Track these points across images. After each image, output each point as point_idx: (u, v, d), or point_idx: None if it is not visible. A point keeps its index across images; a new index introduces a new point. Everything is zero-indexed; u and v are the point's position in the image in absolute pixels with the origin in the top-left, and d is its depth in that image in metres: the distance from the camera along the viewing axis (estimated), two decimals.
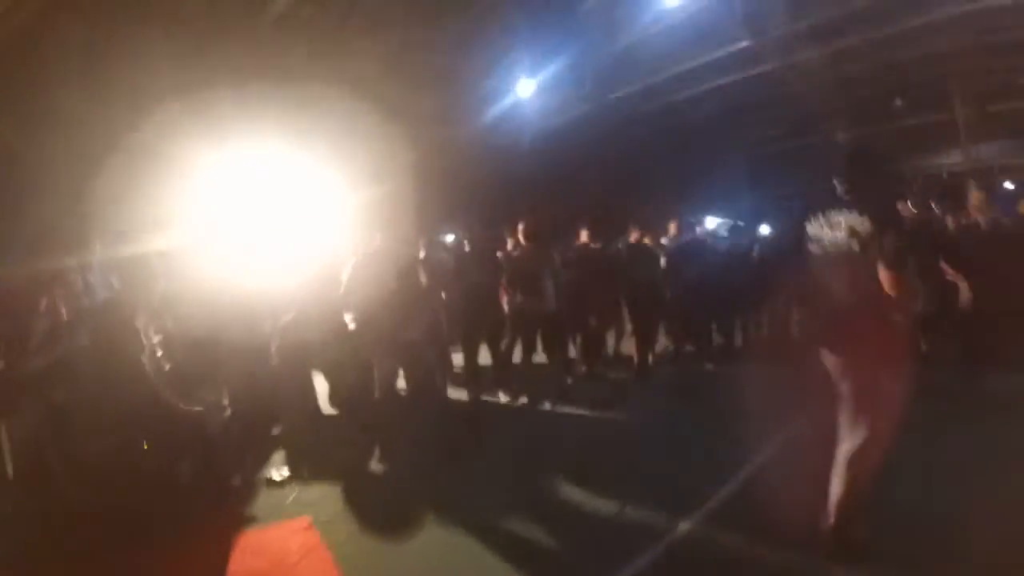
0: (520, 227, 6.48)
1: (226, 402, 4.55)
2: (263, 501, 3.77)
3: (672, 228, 7.94)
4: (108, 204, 5.73)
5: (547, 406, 6.00)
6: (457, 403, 6.10)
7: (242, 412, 4.36)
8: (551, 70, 12.18)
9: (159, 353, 3.63)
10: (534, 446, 4.99)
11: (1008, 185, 10.51)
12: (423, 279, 5.73)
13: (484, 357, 6.41)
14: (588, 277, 6.81)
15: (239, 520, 3.47)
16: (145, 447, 3.19)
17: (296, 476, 4.07)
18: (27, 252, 4.14)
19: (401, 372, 5.91)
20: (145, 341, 3.45)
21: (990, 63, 10.97)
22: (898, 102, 11.76)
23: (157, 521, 3.07)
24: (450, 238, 10.74)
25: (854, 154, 3.06)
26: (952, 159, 12.50)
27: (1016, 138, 11.95)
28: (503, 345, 6.47)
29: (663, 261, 7.34)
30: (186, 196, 6.07)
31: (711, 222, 17.39)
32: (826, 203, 2.84)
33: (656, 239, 7.75)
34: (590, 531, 3.37)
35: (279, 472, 4.03)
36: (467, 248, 6.69)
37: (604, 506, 3.63)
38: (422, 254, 6.20)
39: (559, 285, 6.47)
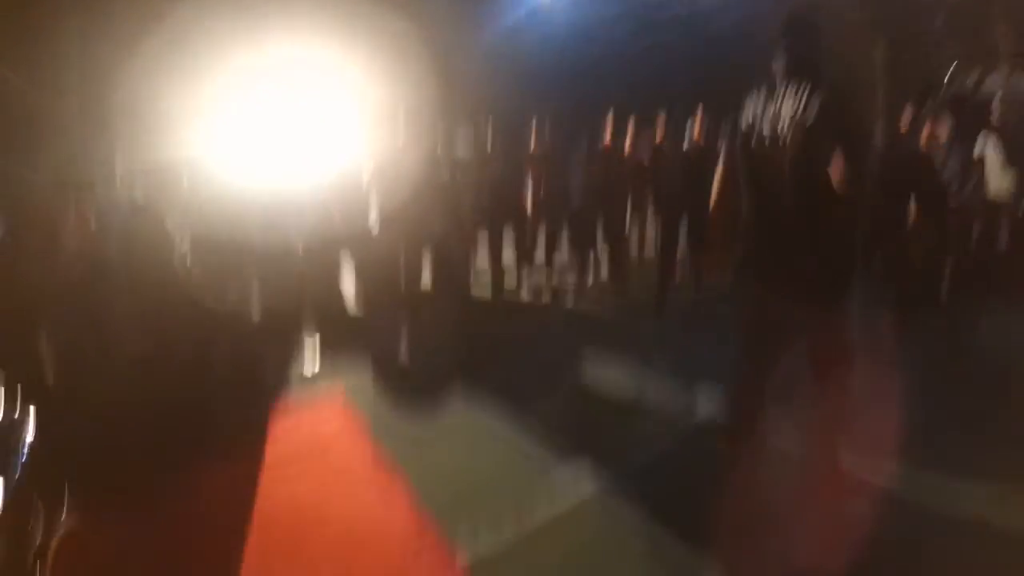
0: (545, 124, 6.40)
1: (255, 302, 4.78)
2: (295, 394, 4.00)
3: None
4: (129, 113, 5.74)
5: (568, 305, 6.18)
6: (480, 299, 6.28)
7: (271, 312, 4.57)
8: None
9: (188, 257, 3.76)
10: (553, 341, 5.18)
11: None
12: (447, 176, 5.75)
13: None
14: (613, 181, 6.75)
15: (274, 408, 3.71)
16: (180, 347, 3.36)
17: (326, 371, 4.30)
18: (52, 169, 4.22)
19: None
20: (174, 246, 3.57)
21: None
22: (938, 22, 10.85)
23: (194, 418, 3.29)
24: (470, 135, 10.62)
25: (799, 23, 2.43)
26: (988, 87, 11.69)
27: None
28: (527, 241, 6.58)
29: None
30: (208, 100, 6.01)
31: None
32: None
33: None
34: (604, 423, 3.58)
35: (311, 367, 4.26)
36: (491, 145, 6.61)
37: (620, 400, 3.85)
38: (445, 151, 6.17)
39: (583, 185, 6.47)
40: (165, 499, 2.72)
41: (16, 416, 2.14)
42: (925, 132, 4.81)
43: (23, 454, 2.05)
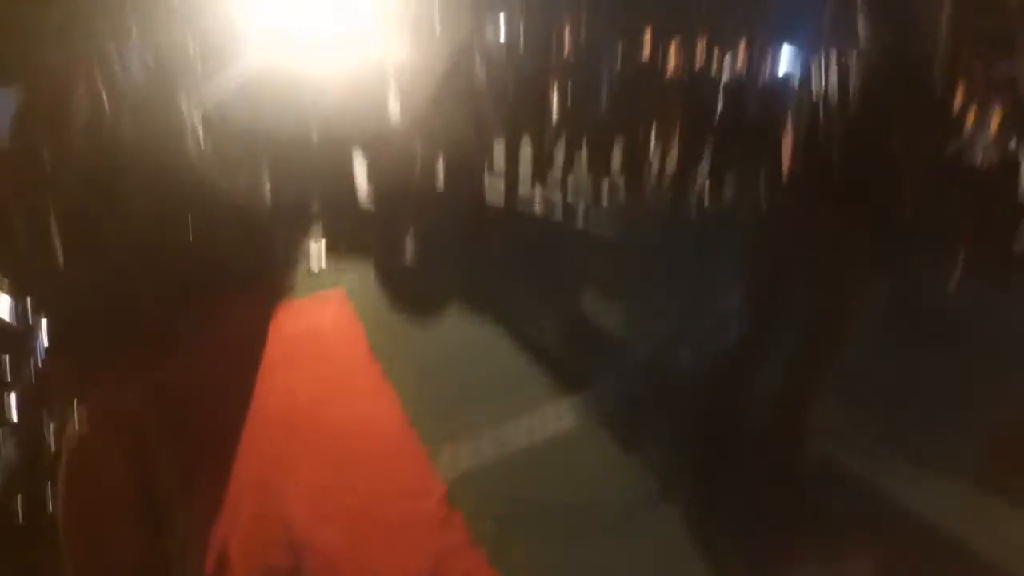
0: (580, 27, 6.09)
1: (265, 189, 4.72)
2: (300, 285, 4.00)
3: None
4: None
5: (580, 212, 6.18)
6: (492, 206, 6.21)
7: (280, 201, 4.53)
8: None
9: (200, 134, 3.67)
10: (559, 252, 5.21)
11: None
12: (473, 74, 5.52)
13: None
14: (644, 95, 6.51)
15: (276, 291, 3.74)
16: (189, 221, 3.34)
17: (333, 267, 4.31)
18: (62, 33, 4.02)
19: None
20: (186, 122, 3.48)
21: None
22: None
23: (197, 287, 3.34)
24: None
25: None
26: None
27: None
28: (546, 151, 6.44)
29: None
30: None
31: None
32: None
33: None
34: (597, 337, 3.71)
35: (317, 263, 4.27)
36: (521, 44, 6.33)
37: (613, 319, 3.95)
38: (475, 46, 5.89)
39: (611, 94, 6.26)
40: (165, 375, 2.83)
41: (29, 321, 2.15)
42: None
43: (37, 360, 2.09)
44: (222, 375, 2.87)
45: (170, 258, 3.13)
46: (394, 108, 5.19)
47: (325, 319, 3.57)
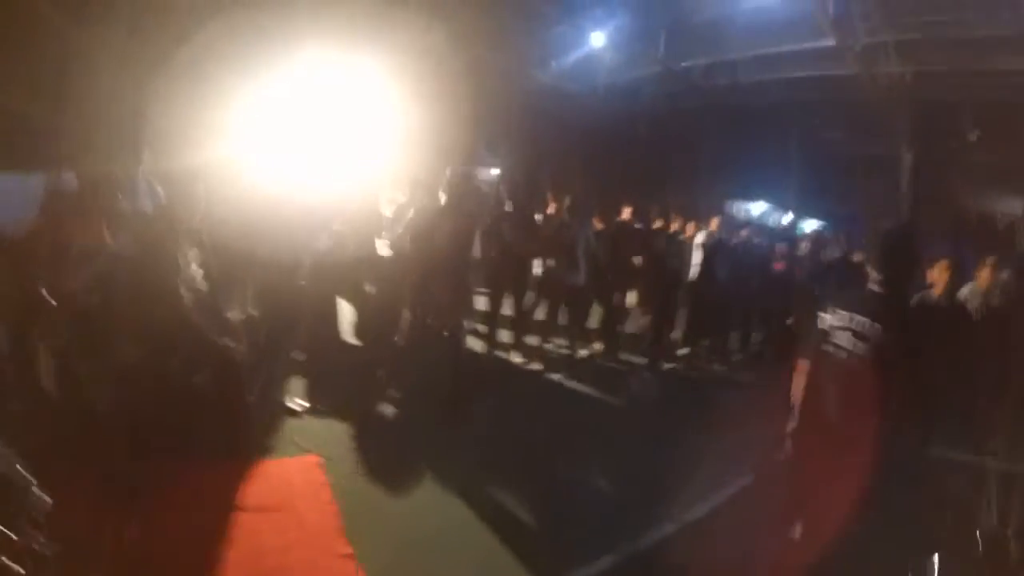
0: (564, 199, 6.43)
1: (252, 315, 4.68)
2: (279, 428, 3.93)
3: (714, 223, 7.82)
4: (157, 114, 5.68)
5: (557, 377, 6.12)
6: (473, 355, 6.17)
7: (266, 332, 4.48)
8: (626, 25, 11.90)
9: (195, 269, 3.65)
10: (538, 415, 5.15)
11: None
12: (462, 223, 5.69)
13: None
14: (622, 255, 6.83)
15: (252, 446, 3.59)
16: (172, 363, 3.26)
17: (312, 408, 4.21)
18: (74, 149, 4.14)
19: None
20: (182, 256, 3.48)
21: None
22: (973, 136, 11.26)
23: (174, 434, 3.19)
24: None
25: (900, 238, 2.67)
26: (1013, 206, 12.16)
27: None
28: (526, 308, 6.55)
29: (698, 256, 7.26)
30: (236, 111, 5.95)
31: (757, 208, 17.24)
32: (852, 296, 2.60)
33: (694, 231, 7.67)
34: (570, 508, 3.61)
35: (298, 403, 4.16)
36: (508, 207, 6.63)
37: (587, 488, 3.94)
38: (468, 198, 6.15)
39: (590, 257, 6.50)
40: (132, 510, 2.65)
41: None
42: None
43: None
44: (186, 534, 2.71)
45: (150, 399, 3.03)
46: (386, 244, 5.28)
47: (296, 484, 3.42)
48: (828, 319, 2.54)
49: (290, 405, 4.12)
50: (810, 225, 15.64)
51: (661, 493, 3.78)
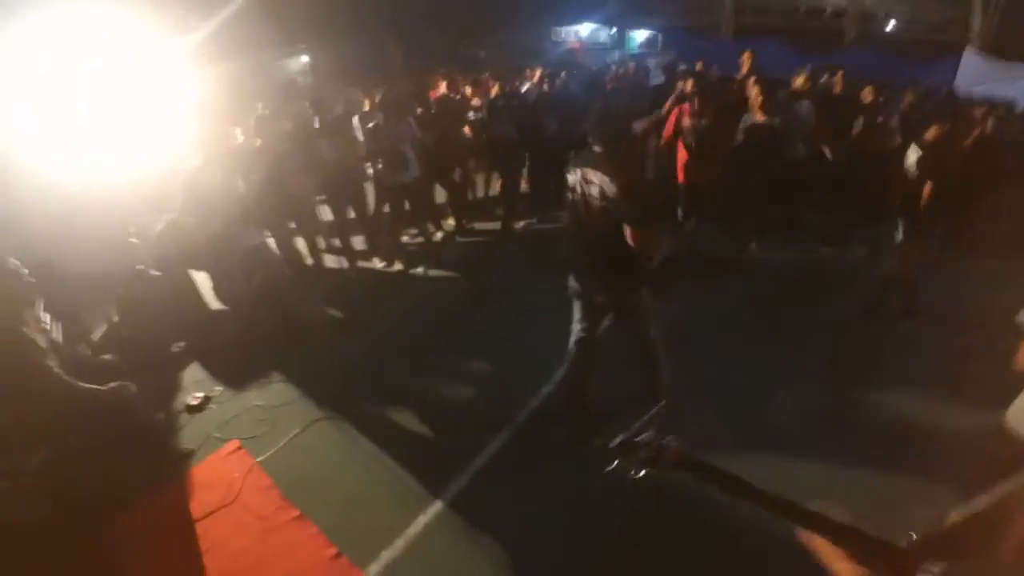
0: (377, 97, 6.39)
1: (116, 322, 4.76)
2: (190, 429, 4.14)
3: (536, 74, 8.00)
4: None
5: (420, 270, 6.56)
6: (333, 271, 6.50)
7: (141, 340, 4.61)
8: None
9: (42, 319, 3.53)
10: (413, 314, 5.65)
11: None
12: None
13: None
14: (449, 132, 6.97)
15: (179, 461, 3.84)
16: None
17: (210, 395, 4.44)
18: None
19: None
20: (29, 324, 3.29)
21: None
22: None
23: (110, 495, 3.34)
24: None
25: (606, 116, 3.34)
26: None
27: None
28: (371, 215, 6.76)
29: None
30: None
31: (585, 28, 17.31)
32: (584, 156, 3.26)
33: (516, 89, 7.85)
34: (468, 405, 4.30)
35: (194, 396, 4.36)
36: (317, 122, 6.49)
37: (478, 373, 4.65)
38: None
39: (419, 149, 6.65)
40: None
41: None
42: None
43: None
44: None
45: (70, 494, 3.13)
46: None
47: (232, 475, 3.72)
48: None
49: (190, 402, 4.31)
50: (640, 35, 16.13)
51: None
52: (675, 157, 6.33)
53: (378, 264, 6.62)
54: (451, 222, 7.50)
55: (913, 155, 4.45)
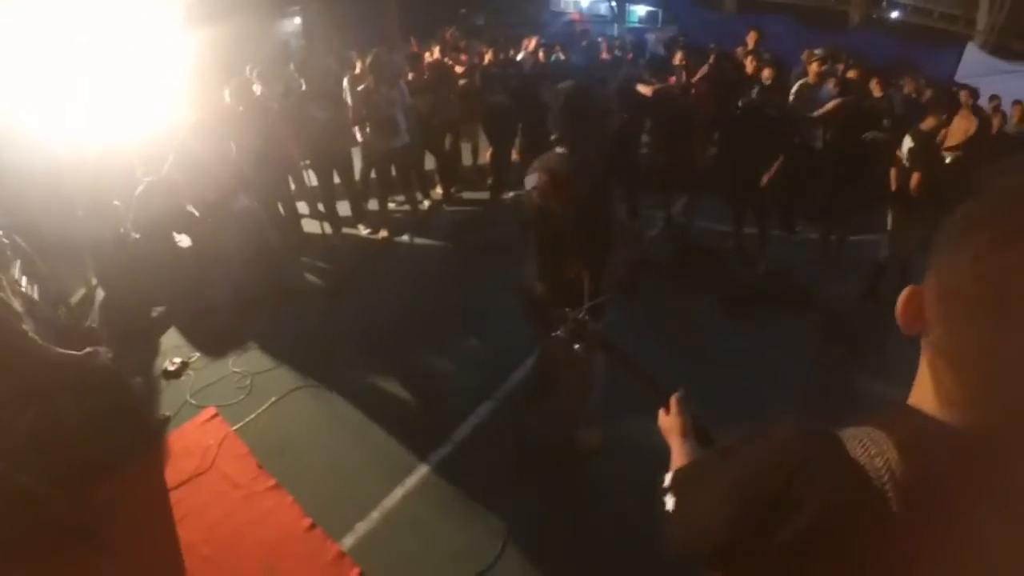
0: (367, 60, 6.23)
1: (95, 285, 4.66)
2: (166, 395, 4.10)
3: (530, 44, 7.83)
4: None
5: (406, 238, 6.50)
6: (316, 237, 6.35)
7: (120, 305, 4.53)
8: None
9: (18, 280, 3.48)
10: (397, 282, 5.59)
11: None
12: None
13: None
14: (442, 98, 6.85)
15: (156, 429, 3.80)
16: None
17: (187, 361, 4.39)
18: None
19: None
20: (12, 294, 3.24)
21: None
22: None
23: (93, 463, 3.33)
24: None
25: (569, 100, 2.68)
26: None
27: None
28: (358, 180, 6.65)
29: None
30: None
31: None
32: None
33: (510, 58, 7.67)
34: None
35: (171, 361, 4.31)
36: (304, 86, 6.33)
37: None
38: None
39: (411, 115, 6.54)
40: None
41: None
42: None
43: None
44: (146, 544, 3.06)
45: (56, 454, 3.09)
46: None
47: (208, 442, 3.70)
48: None
49: (168, 367, 4.26)
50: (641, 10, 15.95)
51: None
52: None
53: (363, 231, 6.53)
54: (439, 190, 7.38)
55: (907, 143, 4.40)
